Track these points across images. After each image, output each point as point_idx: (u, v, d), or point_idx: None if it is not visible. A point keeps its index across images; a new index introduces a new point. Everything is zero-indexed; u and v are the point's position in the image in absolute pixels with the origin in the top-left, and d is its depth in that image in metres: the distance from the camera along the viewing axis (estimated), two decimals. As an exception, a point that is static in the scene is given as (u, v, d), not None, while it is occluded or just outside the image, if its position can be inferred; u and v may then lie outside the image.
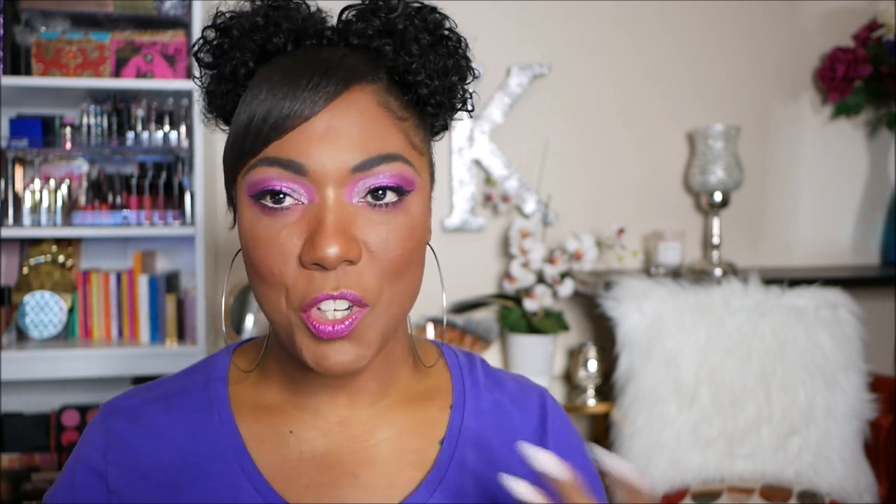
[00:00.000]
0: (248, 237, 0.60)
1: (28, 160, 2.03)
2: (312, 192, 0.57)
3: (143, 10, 1.94)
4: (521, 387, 0.74)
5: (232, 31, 0.62)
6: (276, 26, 0.61)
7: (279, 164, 0.57)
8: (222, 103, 0.65)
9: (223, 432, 0.66)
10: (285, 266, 0.57)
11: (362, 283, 0.58)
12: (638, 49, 2.25)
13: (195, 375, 0.70)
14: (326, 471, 0.64)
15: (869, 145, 2.38)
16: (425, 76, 0.61)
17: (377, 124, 0.59)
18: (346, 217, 0.57)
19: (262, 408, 0.67)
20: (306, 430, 0.66)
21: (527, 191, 2.17)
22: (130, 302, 2.00)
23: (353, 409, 0.67)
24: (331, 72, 0.58)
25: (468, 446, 0.68)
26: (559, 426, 0.73)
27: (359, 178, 0.57)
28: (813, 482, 1.74)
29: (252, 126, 0.58)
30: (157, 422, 0.67)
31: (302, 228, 0.57)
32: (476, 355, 0.76)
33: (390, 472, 0.65)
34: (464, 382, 0.71)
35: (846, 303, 1.85)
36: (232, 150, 0.61)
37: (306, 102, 0.57)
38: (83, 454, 0.67)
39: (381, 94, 0.60)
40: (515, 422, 0.71)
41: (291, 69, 0.59)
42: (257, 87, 0.59)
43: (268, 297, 0.59)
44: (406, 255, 0.59)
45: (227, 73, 0.63)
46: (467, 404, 0.70)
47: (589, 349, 2.08)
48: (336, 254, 0.55)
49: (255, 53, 0.62)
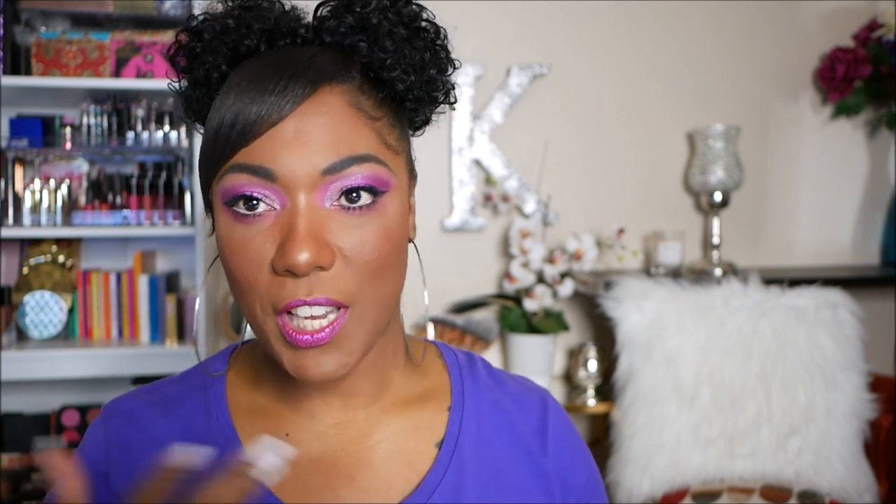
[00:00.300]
0: (223, 244, 0.59)
1: (28, 160, 2.03)
2: (284, 198, 0.56)
3: (143, 10, 1.94)
4: (523, 388, 0.73)
5: (203, 34, 0.61)
6: (247, 28, 0.60)
7: (249, 170, 0.56)
8: (198, 107, 0.64)
9: (221, 436, 0.66)
10: (259, 273, 0.57)
11: (337, 287, 0.57)
12: (638, 49, 2.25)
13: (193, 379, 0.70)
14: (323, 473, 0.64)
15: (869, 145, 2.38)
16: (401, 71, 0.60)
17: (347, 125, 0.57)
18: (317, 222, 0.56)
19: (258, 411, 0.67)
20: (302, 433, 0.66)
21: (527, 191, 2.17)
22: (130, 302, 2.00)
23: (348, 412, 0.66)
24: (298, 74, 0.57)
25: (467, 448, 0.67)
26: (560, 428, 0.72)
27: (330, 181, 0.56)
28: (813, 482, 1.74)
29: (221, 132, 0.57)
30: (156, 425, 0.67)
31: (275, 234, 0.56)
32: (476, 355, 0.76)
33: (387, 475, 0.65)
34: (463, 383, 0.71)
35: (846, 303, 1.85)
36: (204, 156, 0.60)
37: (273, 107, 0.56)
38: (86, 454, 0.67)
39: (352, 93, 0.59)
40: (516, 422, 0.70)
41: (259, 72, 0.58)
42: (226, 91, 0.59)
43: (244, 304, 0.59)
44: (383, 257, 0.58)
45: (200, 77, 0.62)
46: (466, 405, 0.69)
47: (589, 349, 2.08)
48: (307, 260, 0.54)
49: (227, 57, 0.61)
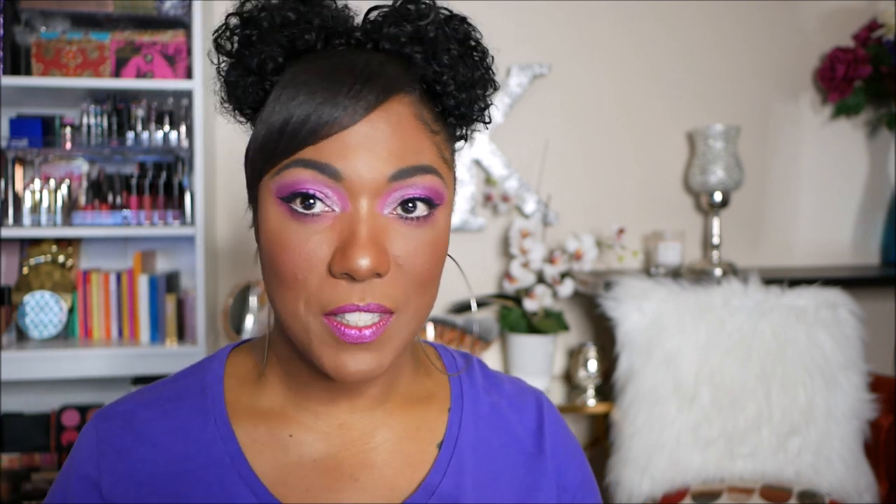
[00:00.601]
0: (273, 240, 0.58)
1: (28, 160, 2.03)
2: (346, 200, 0.57)
3: (143, 10, 1.94)
4: (519, 390, 0.75)
5: (261, 22, 0.60)
6: (307, 23, 0.60)
7: (315, 166, 0.56)
8: (243, 95, 0.63)
9: (219, 438, 0.65)
10: (311, 272, 0.57)
11: (389, 295, 0.57)
12: (638, 49, 2.25)
13: (191, 379, 0.69)
14: (325, 474, 0.64)
15: (869, 145, 2.38)
16: (454, 87, 0.61)
17: (413, 136, 0.58)
18: (378, 229, 0.57)
19: (259, 412, 0.66)
20: (305, 434, 0.65)
21: (527, 191, 2.18)
22: (130, 302, 2.00)
23: (353, 413, 0.66)
24: (371, 80, 0.57)
25: (466, 449, 0.68)
26: (556, 429, 0.73)
27: (393, 189, 0.57)
28: (813, 482, 1.74)
29: (289, 128, 0.57)
30: (152, 427, 0.66)
31: (332, 237, 0.57)
32: (473, 357, 0.76)
33: (389, 475, 0.65)
34: (461, 385, 0.71)
35: (846, 303, 1.85)
36: (262, 149, 0.59)
37: (347, 110, 0.56)
38: (76, 463, 0.66)
39: (416, 105, 0.60)
40: (513, 424, 0.71)
41: (331, 73, 0.58)
42: (293, 87, 0.58)
43: (286, 300, 0.59)
44: (432, 268, 0.60)
45: (252, 66, 0.61)
46: (465, 407, 0.70)
47: (589, 349, 2.08)
48: (368, 266, 0.55)
49: (284, 49, 0.61)
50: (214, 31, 0.63)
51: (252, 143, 0.61)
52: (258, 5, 0.61)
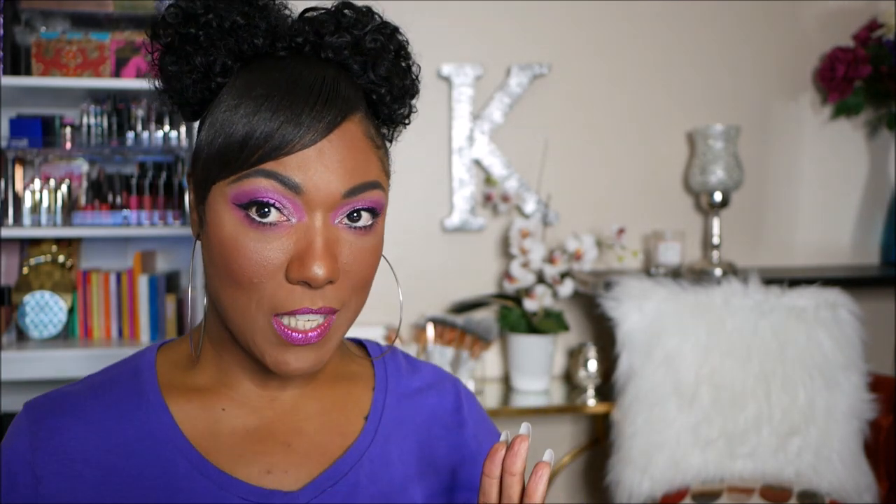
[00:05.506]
0: (228, 245, 0.61)
1: (28, 160, 2.03)
2: (302, 212, 0.60)
3: (143, 10, 1.94)
4: (438, 375, 0.80)
5: (210, 23, 0.62)
6: (255, 27, 0.63)
7: (277, 178, 0.59)
8: (184, 90, 0.64)
9: (153, 413, 0.67)
10: (267, 278, 0.60)
11: (337, 297, 0.62)
12: (638, 49, 2.25)
13: (121, 367, 0.71)
14: (259, 442, 0.68)
15: (869, 145, 2.38)
16: (390, 99, 0.66)
17: (363, 153, 0.62)
18: (332, 240, 0.61)
19: (193, 390, 0.69)
20: (238, 408, 0.68)
21: (527, 191, 2.17)
22: (130, 302, 2.00)
23: (284, 391, 0.70)
24: (331, 101, 0.61)
25: (391, 422, 0.73)
26: (473, 407, 0.79)
27: (346, 203, 0.61)
28: (813, 482, 1.74)
29: (252, 143, 0.59)
30: (84, 406, 0.67)
31: (288, 246, 0.60)
32: (397, 348, 0.81)
33: (320, 442, 0.69)
34: (386, 369, 0.76)
35: (846, 303, 1.86)
36: (220, 157, 0.61)
37: (309, 130, 0.59)
38: (7, 449, 0.67)
39: (364, 123, 0.63)
40: (433, 404, 0.77)
41: (291, 90, 0.60)
42: (252, 101, 0.60)
43: (236, 299, 0.62)
44: (372, 271, 0.65)
45: (197, 64, 0.63)
46: (389, 387, 0.75)
47: (589, 349, 2.08)
48: (324, 275, 0.59)
49: (233, 52, 0.63)
50: (155, 22, 0.65)
51: (206, 147, 0.63)
52: (205, 5, 0.62)
